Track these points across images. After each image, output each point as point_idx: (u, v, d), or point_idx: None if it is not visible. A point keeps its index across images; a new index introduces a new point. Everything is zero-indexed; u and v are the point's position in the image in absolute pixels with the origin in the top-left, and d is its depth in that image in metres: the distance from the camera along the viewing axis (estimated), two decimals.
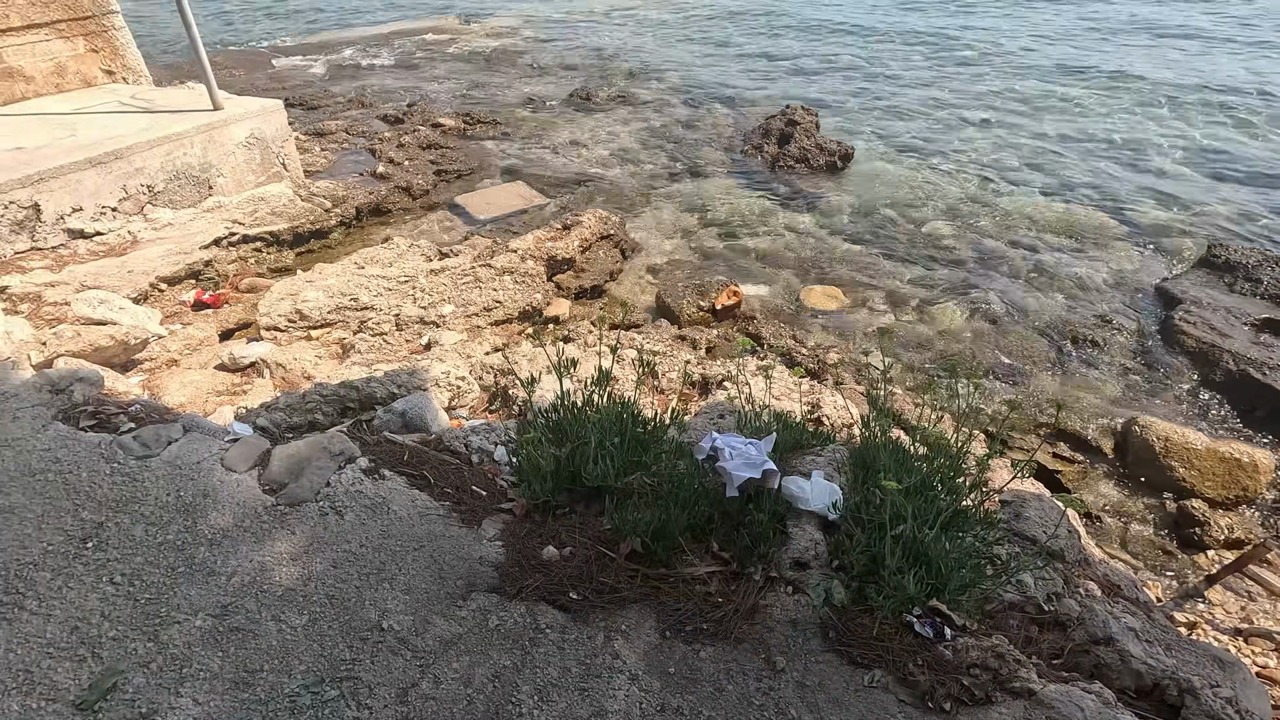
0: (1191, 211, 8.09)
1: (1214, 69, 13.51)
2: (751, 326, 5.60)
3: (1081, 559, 2.58)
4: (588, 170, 9.40)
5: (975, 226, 7.90)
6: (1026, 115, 11.39)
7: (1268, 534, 3.91)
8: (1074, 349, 5.75)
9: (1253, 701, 2.28)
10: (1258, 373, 4.83)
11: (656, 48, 15.82)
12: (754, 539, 2.07)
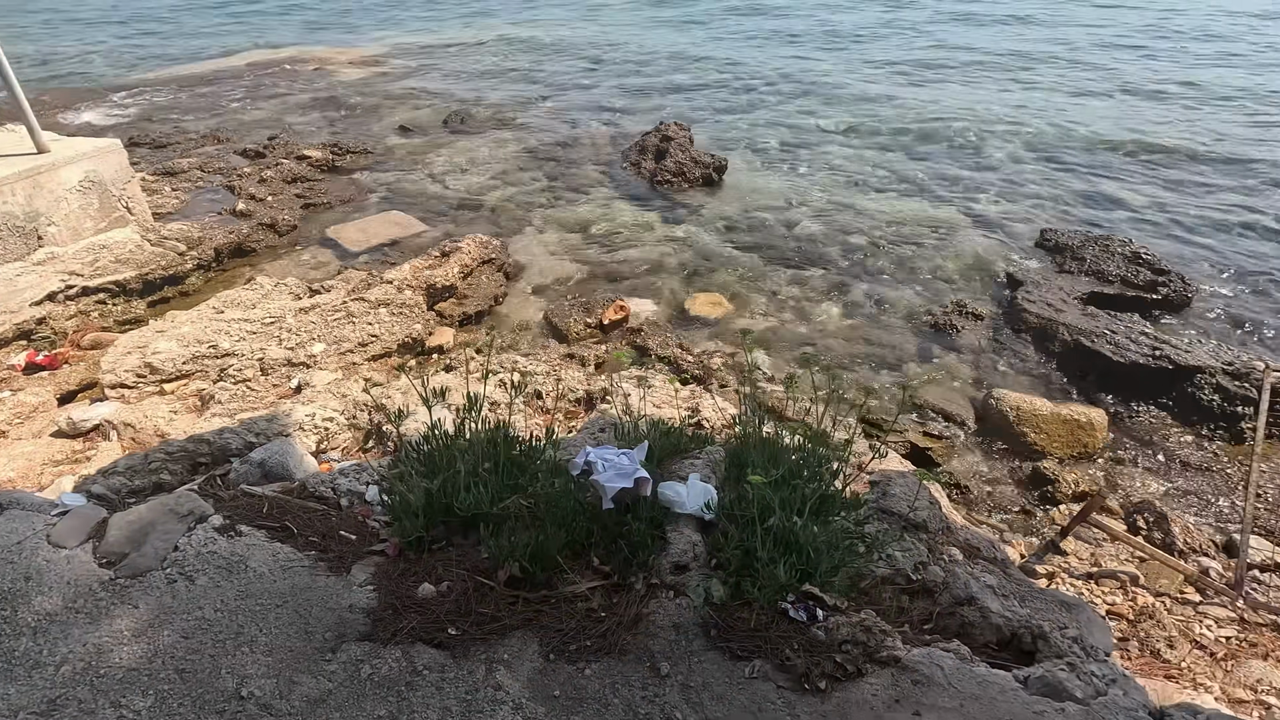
0: (1028, 201, 8.95)
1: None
2: (639, 339, 5.67)
3: (944, 527, 2.77)
4: (467, 194, 9.27)
5: (843, 227, 8.39)
6: (882, 121, 12.26)
7: (1107, 484, 4.35)
8: (936, 334, 6.20)
9: (1096, 637, 2.51)
10: (1088, 341, 5.39)
11: (531, 70, 15.87)
12: (633, 548, 2.08)
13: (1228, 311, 6.35)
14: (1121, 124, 11.71)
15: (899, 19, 20.98)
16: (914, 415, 5.02)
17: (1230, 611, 3.37)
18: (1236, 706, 2.84)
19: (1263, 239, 7.77)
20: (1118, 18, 20.31)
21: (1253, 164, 9.78)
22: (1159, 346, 5.15)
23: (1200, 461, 4.47)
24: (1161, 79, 14.32)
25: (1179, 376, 4.94)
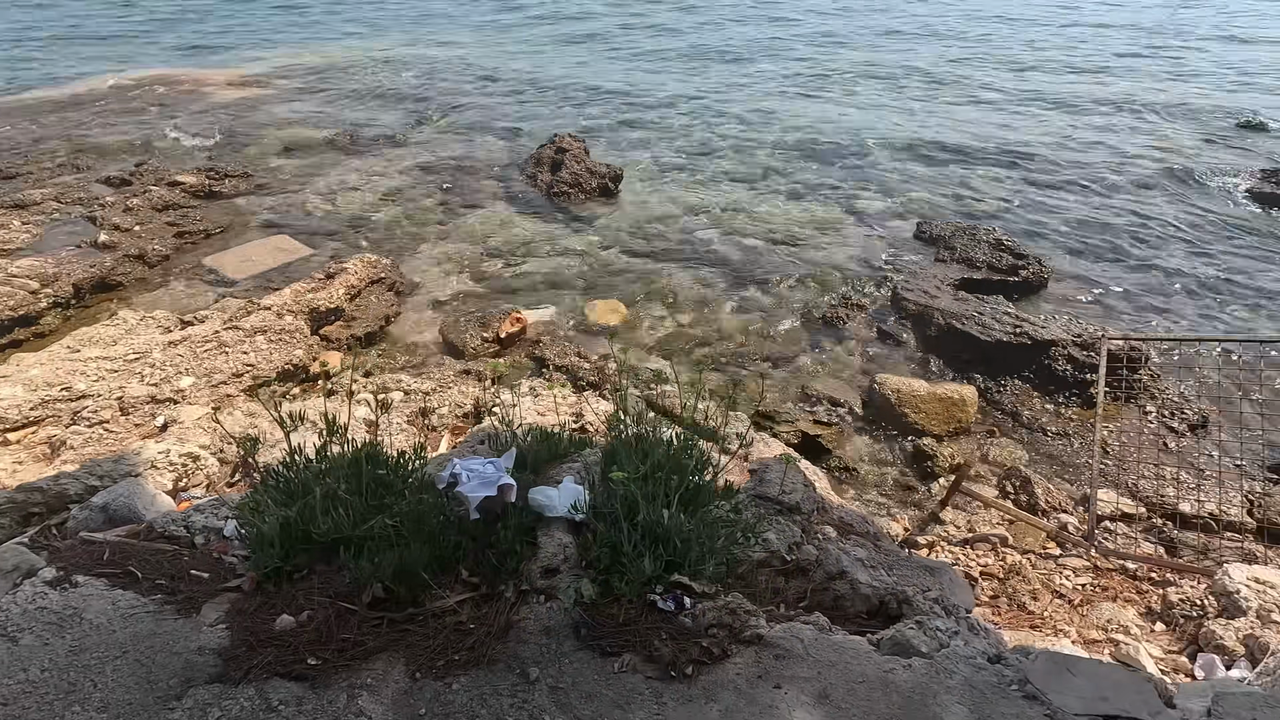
0: (905, 198, 9.51)
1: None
2: (537, 350, 5.65)
3: (819, 507, 2.89)
4: (358, 214, 8.98)
5: (736, 231, 8.65)
6: (769, 130, 12.74)
7: (979, 455, 4.67)
8: (825, 326, 6.48)
9: (958, 596, 2.68)
10: (959, 324, 5.78)
11: (424, 88, 15.56)
12: (501, 556, 2.07)
13: (1077, 289, 6.96)
14: (982, 128, 12.66)
15: (779, 37, 21.91)
16: (805, 404, 5.22)
17: (1085, 561, 3.67)
18: (1090, 646, 3.09)
19: (1103, 226, 8.56)
20: (972, 36, 21.98)
21: (1090, 163, 10.77)
22: (1019, 324, 5.58)
23: (1058, 426, 4.88)
24: (1016, 90, 15.59)
25: (1037, 350, 5.37)
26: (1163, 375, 5.25)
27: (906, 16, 23.61)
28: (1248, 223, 8.51)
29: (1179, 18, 23.44)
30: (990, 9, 25.18)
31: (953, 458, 4.51)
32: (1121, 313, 6.55)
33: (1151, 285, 7.09)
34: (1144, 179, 9.89)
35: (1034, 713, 1.73)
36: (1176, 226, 8.42)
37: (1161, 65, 17.19)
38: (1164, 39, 20.24)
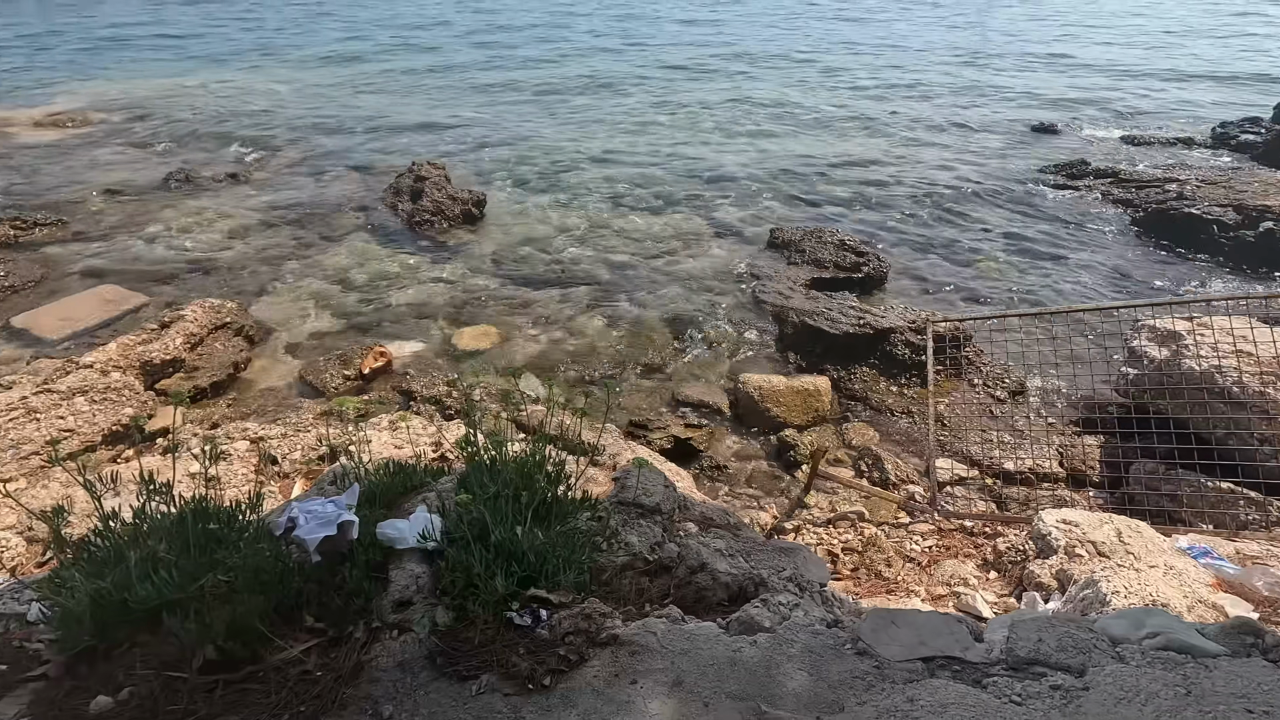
0: (759, 206, 10.07)
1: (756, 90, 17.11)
2: (404, 383, 5.48)
3: (680, 505, 3.01)
4: (200, 257, 8.34)
5: (604, 246, 8.81)
6: (629, 152, 13.11)
7: (837, 439, 5.01)
8: (692, 331, 6.72)
9: (812, 572, 2.86)
10: (811, 320, 6.19)
11: (268, 119, 14.73)
12: (348, 596, 2.00)
13: (912, 279, 7.67)
14: (821, 142, 13.67)
15: (631, 53, 22.65)
16: (677, 410, 5.40)
17: (930, 525, 4.03)
18: (937, 601, 3.39)
19: (930, 222, 9.47)
20: (823, 59, 23.75)
21: (916, 168, 11.90)
22: (863, 316, 6.06)
23: (902, 405, 5.33)
24: (848, 106, 16.97)
25: (879, 338, 5.85)
26: (985, 350, 5.87)
27: (754, 43, 25.12)
28: (1046, 211, 9.71)
29: (987, 42, 26.43)
30: (823, 33, 27.28)
31: (812, 445, 4.81)
32: (949, 297, 7.27)
33: (972, 271, 7.92)
34: (961, 180, 11.05)
35: (865, 665, 1.89)
36: (990, 219, 9.46)
37: (970, 81, 19.31)
38: (971, 59, 22.77)
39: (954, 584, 3.50)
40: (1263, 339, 3.94)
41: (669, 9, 32.25)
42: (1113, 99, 16.80)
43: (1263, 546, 3.36)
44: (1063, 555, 3.28)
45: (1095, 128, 14.23)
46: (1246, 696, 1.66)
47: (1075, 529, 3.39)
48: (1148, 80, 19.08)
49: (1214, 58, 22.46)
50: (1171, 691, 1.69)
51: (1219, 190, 8.95)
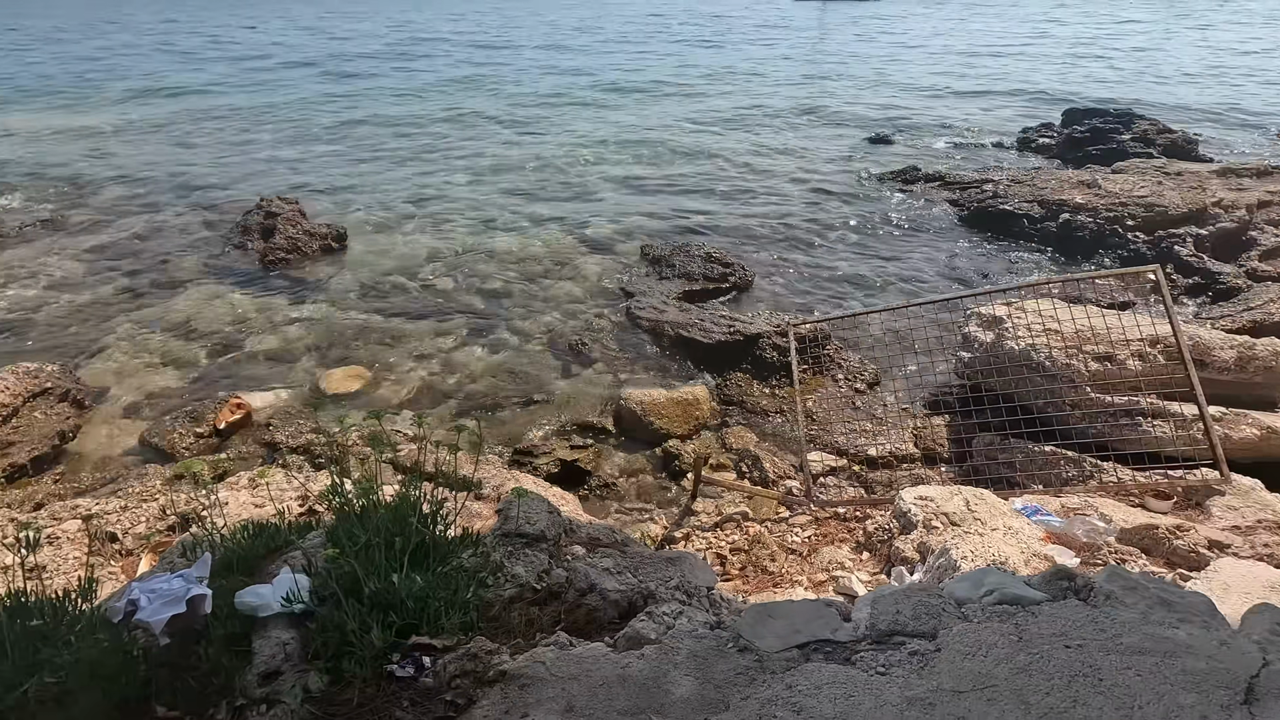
0: (629, 221, 10.30)
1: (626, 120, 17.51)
2: (266, 434, 5.11)
3: (566, 529, 3.02)
4: (9, 318, 7.38)
5: (476, 272, 8.66)
6: (499, 168, 13.03)
7: (718, 444, 5.21)
8: (574, 353, 6.75)
9: (698, 577, 2.96)
10: (685, 332, 6.40)
11: (93, 156, 13.31)
12: (205, 677, 1.85)
13: (774, 285, 8.13)
14: (686, 156, 14.22)
15: (483, 74, 22.57)
16: (563, 433, 5.39)
17: (808, 516, 4.27)
18: (818, 587, 3.59)
19: (789, 230, 10.09)
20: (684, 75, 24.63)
21: (771, 179, 12.66)
22: (733, 324, 6.35)
23: (774, 406, 5.62)
24: (712, 122, 17.78)
25: (749, 344, 6.15)
26: (844, 347, 6.32)
27: (614, 70, 25.73)
28: (888, 214, 10.61)
29: (821, 65, 28.54)
30: (678, 60, 28.42)
31: (694, 454, 4.96)
32: (809, 299, 7.77)
33: (827, 273, 8.51)
34: (811, 190, 11.86)
35: (746, 661, 1.98)
36: (840, 224, 10.21)
37: (811, 101, 20.81)
38: (811, 81, 24.55)
39: (832, 569, 3.73)
40: (1065, 317, 4.52)
41: (524, 36, 32.46)
42: (935, 110, 18.69)
43: (1082, 499, 3.82)
44: (922, 529, 3.58)
45: (923, 137, 15.75)
46: (1064, 634, 1.90)
47: (931, 503, 3.71)
48: (963, 94, 21.39)
49: (1012, 72, 25.56)
50: (1006, 640, 1.89)
51: (1025, 188, 10.18)
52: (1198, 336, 4.45)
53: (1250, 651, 1.80)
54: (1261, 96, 20.38)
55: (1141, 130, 13.25)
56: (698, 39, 32.38)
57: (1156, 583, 2.11)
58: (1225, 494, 3.60)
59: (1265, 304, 6.45)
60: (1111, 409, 4.17)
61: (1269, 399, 4.39)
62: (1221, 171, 10.46)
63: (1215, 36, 34.20)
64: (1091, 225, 8.89)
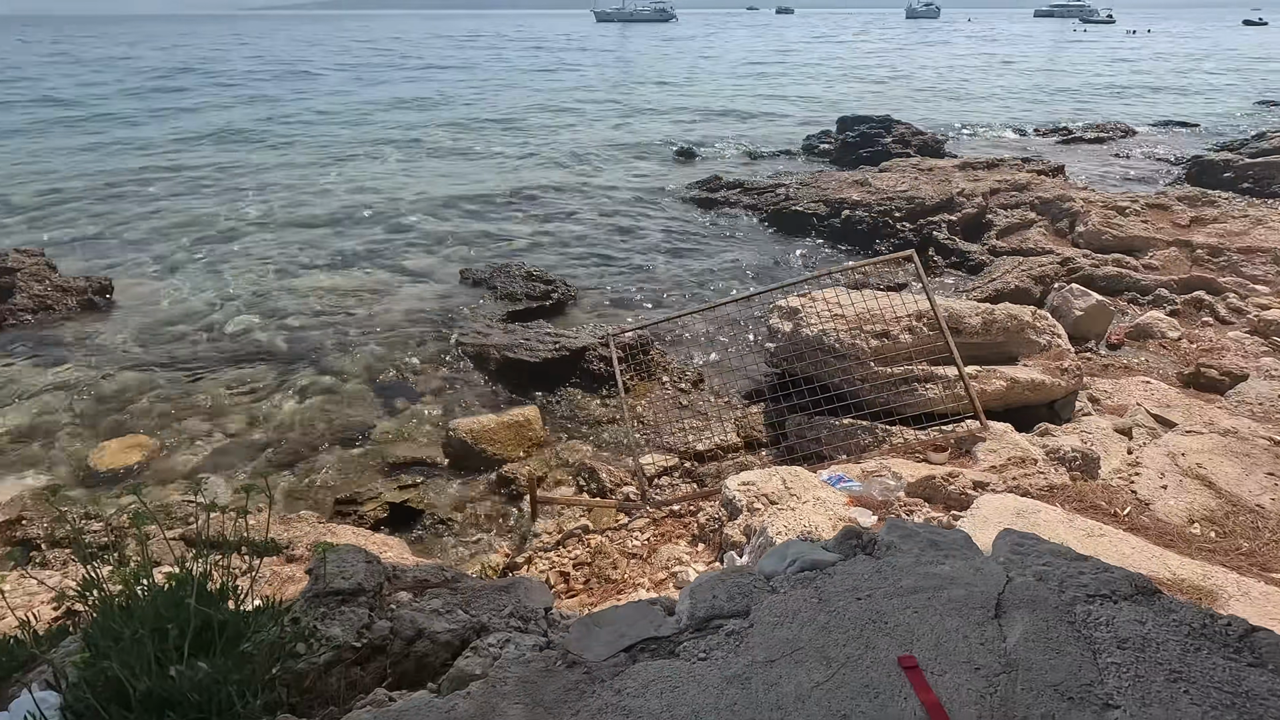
0: (446, 249, 9.99)
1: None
2: (17, 531, 4.30)
3: (389, 577, 2.84)
4: None
5: (278, 313, 7.95)
6: (301, 204, 12.07)
7: (555, 461, 5.18)
8: (396, 389, 6.40)
9: (534, 599, 2.91)
10: (511, 353, 6.32)
11: None
12: None
13: (597, 297, 8.29)
14: (495, 179, 14.12)
15: (286, 103, 21.00)
16: (390, 473, 5.08)
17: (645, 519, 4.37)
18: (658, 586, 3.68)
19: (608, 243, 10.35)
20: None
21: (586, 195, 12.94)
22: (558, 340, 6.37)
23: (606, 415, 5.72)
24: (525, 148, 17.79)
25: (576, 358, 6.20)
26: (667, 350, 6.58)
27: (422, 90, 24.90)
28: (697, 221, 11.25)
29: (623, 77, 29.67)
30: (490, 72, 28.17)
31: (531, 475, 4.90)
32: (632, 307, 8.01)
33: (646, 280, 8.83)
34: (624, 203, 12.27)
35: (575, 675, 1.97)
36: (654, 233, 10.65)
37: (620, 121, 21.56)
38: (620, 102, 25.42)
39: (671, 565, 3.84)
40: (848, 302, 5.05)
41: (321, 58, 30.45)
42: (730, 124, 20.14)
43: (877, 462, 4.26)
44: (746, 512, 3.80)
45: (722, 149, 16.89)
46: (856, 589, 2.09)
47: (752, 487, 3.95)
48: (754, 110, 23.26)
49: (788, 84, 28.25)
50: (809, 604, 2.05)
51: (812, 190, 11.26)
52: (951, 308, 5.16)
53: (997, 573, 2.10)
54: (978, 106, 24.27)
55: (900, 134, 15.20)
56: (501, 61, 32.35)
57: (927, 528, 2.40)
58: (986, 439, 4.18)
59: (1003, 275, 7.64)
60: (892, 379, 4.71)
61: (1010, 354, 5.20)
62: (962, 166, 12.28)
63: (947, 54, 40.26)
64: (868, 218, 10.03)
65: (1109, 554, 2.55)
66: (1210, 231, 8.95)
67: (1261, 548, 2.65)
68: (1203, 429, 3.50)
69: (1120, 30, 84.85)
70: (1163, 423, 4.88)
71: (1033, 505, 2.90)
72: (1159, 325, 6.81)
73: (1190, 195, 10.28)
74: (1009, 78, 34.40)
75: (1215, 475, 3.12)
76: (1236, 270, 8.03)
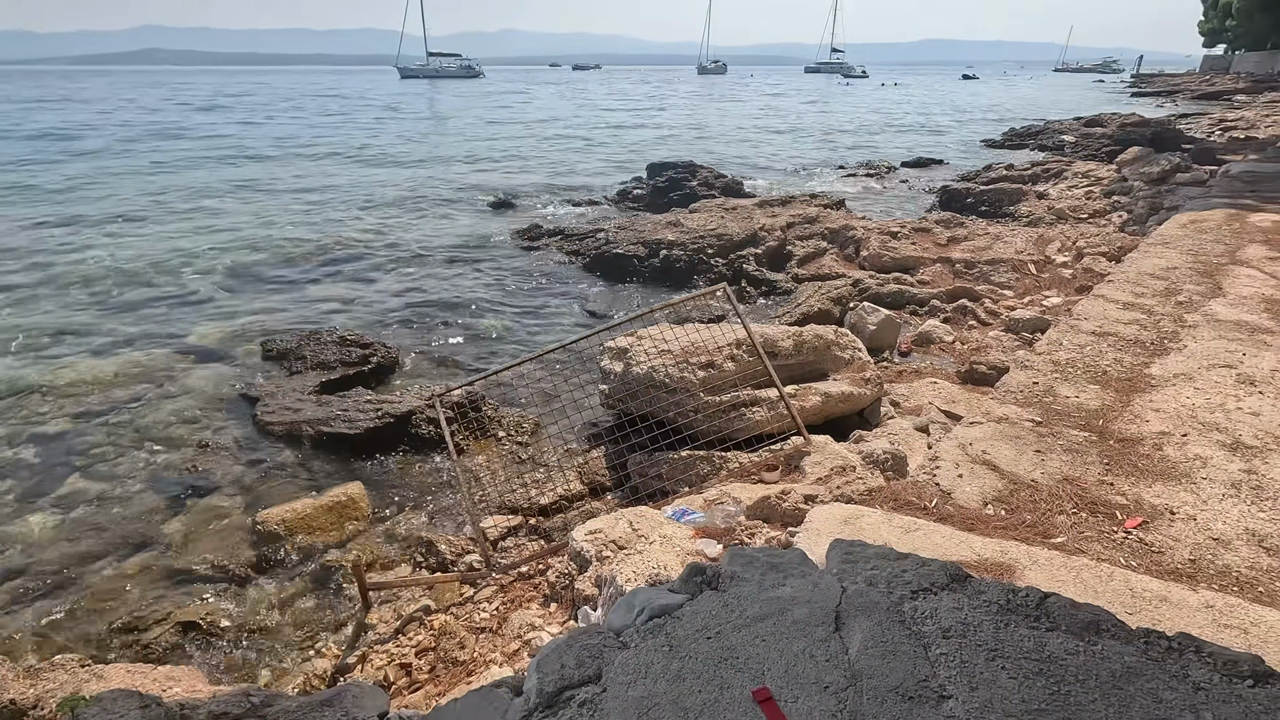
0: (239, 319, 8.99)
1: None
2: None
3: (175, 719, 2.36)
4: None
5: (25, 416, 6.62)
6: (57, 275, 10.31)
7: (386, 539, 4.73)
8: (187, 484, 5.54)
9: (365, 706, 2.56)
10: (327, 427, 5.75)
11: None
12: None
13: (424, 358, 7.86)
14: (300, 234, 13.11)
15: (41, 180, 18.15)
16: (179, 588, 4.33)
17: (492, 586, 4.09)
18: (511, 658, 3.42)
19: (429, 297, 9.92)
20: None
21: (400, 249, 12.40)
22: (380, 407, 5.91)
23: (439, 482, 5.35)
24: (329, 201, 16.75)
25: (402, 424, 5.78)
26: (501, 404, 6.35)
27: (195, 141, 22.72)
28: (521, 270, 11.16)
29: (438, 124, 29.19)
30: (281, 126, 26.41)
31: (359, 558, 4.42)
32: (462, 364, 7.68)
33: (475, 335, 8.55)
34: (444, 255, 11.90)
35: None
36: (469, 284, 10.39)
37: (432, 171, 21.10)
38: (431, 151, 24.93)
39: (524, 633, 3.60)
40: (672, 337, 5.19)
41: (104, 119, 26.80)
42: (545, 172, 20.47)
43: (718, 489, 4.35)
44: (596, 562, 3.67)
45: (539, 198, 17.07)
46: (705, 628, 2.04)
47: (600, 534, 3.84)
48: (567, 158, 23.88)
49: (597, 134, 29.48)
50: (660, 654, 1.96)
51: (630, 233, 11.66)
52: (766, 334, 5.50)
53: (833, 585, 2.16)
54: (767, 149, 26.89)
55: (704, 177, 16.31)
56: (300, 116, 30.50)
57: (766, 551, 2.43)
58: (810, 453, 4.43)
59: (807, 299, 8.34)
60: (722, 406, 4.88)
61: (822, 371, 5.61)
62: (760, 203, 13.40)
63: (737, 105, 44.34)
64: (684, 256, 10.54)
65: (925, 547, 2.75)
66: (964, 248, 10.47)
67: (1041, 518, 3.01)
68: (982, 419, 3.96)
69: (874, 83, 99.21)
70: (951, 417, 5.50)
71: (857, 511, 3.07)
72: (937, 331, 7.77)
73: (945, 219, 12.02)
74: (791, 122, 38.60)
75: (997, 459, 3.52)
76: (987, 279, 9.44)
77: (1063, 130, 27.64)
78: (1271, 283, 6.26)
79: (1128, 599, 2.45)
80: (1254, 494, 3.18)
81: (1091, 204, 13.25)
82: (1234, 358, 4.67)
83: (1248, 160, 14.65)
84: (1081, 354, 4.76)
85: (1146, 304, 5.76)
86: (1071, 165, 17.66)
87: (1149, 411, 3.98)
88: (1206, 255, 7.17)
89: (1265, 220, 8.73)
